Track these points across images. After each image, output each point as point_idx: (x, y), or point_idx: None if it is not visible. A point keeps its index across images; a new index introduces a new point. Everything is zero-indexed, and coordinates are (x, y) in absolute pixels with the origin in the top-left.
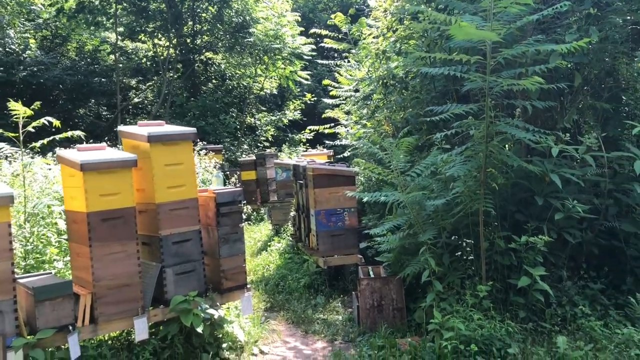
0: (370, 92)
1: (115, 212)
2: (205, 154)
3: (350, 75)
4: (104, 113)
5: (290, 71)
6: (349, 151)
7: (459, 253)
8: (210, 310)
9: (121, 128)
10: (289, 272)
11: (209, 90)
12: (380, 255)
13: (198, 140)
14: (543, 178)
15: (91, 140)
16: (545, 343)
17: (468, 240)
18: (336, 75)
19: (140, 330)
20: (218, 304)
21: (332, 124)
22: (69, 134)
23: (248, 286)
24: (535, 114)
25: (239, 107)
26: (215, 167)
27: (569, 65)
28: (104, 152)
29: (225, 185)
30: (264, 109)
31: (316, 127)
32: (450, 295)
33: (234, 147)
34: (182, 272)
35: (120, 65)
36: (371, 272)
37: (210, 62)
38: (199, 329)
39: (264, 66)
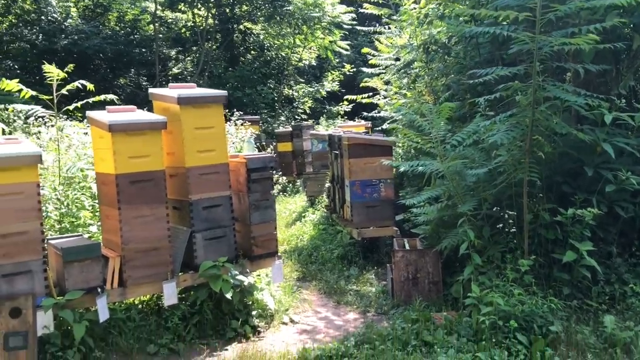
0: (411, 59)
1: (144, 174)
2: (242, 125)
3: (391, 42)
4: (143, 83)
5: (330, 41)
6: (388, 123)
7: (501, 225)
8: (240, 277)
9: (152, 90)
10: (323, 243)
11: (247, 61)
12: (417, 227)
13: (235, 110)
14: (594, 148)
15: None
16: (591, 322)
17: (511, 212)
18: (376, 43)
19: (169, 294)
20: (248, 270)
21: (371, 94)
22: (102, 97)
23: (279, 254)
24: (587, 79)
25: (276, 79)
26: (251, 137)
27: (627, 30)
28: (133, 114)
29: (254, 149)
30: (302, 80)
31: (354, 97)
32: (490, 269)
33: (271, 119)
34: (212, 238)
35: (160, 35)
36: (407, 245)
37: (249, 32)
38: (228, 295)
39: (303, 36)
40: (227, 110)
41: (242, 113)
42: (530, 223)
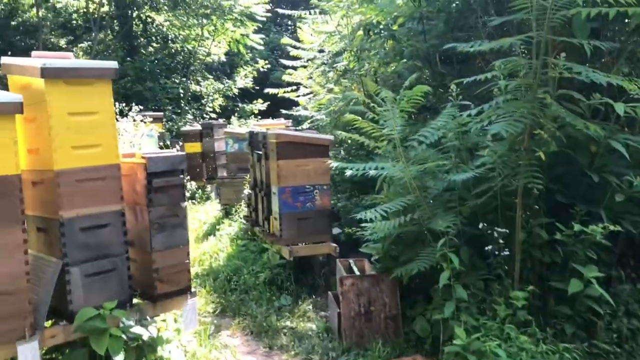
0: (339, 50)
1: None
2: (142, 121)
3: (315, 30)
4: None
5: (241, 34)
6: (309, 123)
7: (489, 247)
8: (137, 329)
9: (5, 60)
10: (244, 264)
11: (149, 53)
12: (363, 245)
13: (133, 104)
14: (589, 147)
15: None
16: None
17: (500, 230)
18: (298, 32)
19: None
20: (149, 317)
21: (295, 87)
22: None
23: (192, 290)
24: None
25: (182, 73)
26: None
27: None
28: None
29: (157, 146)
30: (210, 77)
31: (275, 91)
32: (472, 303)
33: (176, 117)
34: (95, 273)
35: (48, 22)
36: (354, 268)
37: (150, 20)
38: (119, 358)
39: (212, 27)
40: (124, 104)
41: (142, 108)
42: (523, 243)
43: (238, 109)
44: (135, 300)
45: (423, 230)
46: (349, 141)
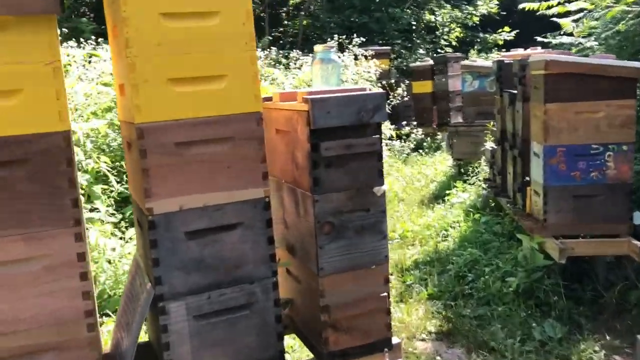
0: None
1: (20, 145)
2: (364, 56)
3: None
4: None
5: None
6: (577, 51)
7: None
8: None
9: None
10: (483, 255)
11: None
12: None
13: (354, 36)
14: None
15: None
16: None
17: None
18: None
19: None
20: None
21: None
22: None
23: (395, 340)
24: None
25: (415, 2)
26: (375, 73)
27: None
28: None
29: (340, 82)
30: (447, 5)
31: (534, 5)
32: None
33: (405, 52)
34: (214, 312)
35: None
36: None
37: None
38: None
39: None
40: (344, 37)
41: (365, 41)
42: None
43: (479, 40)
44: (289, 356)
45: None
46: None
